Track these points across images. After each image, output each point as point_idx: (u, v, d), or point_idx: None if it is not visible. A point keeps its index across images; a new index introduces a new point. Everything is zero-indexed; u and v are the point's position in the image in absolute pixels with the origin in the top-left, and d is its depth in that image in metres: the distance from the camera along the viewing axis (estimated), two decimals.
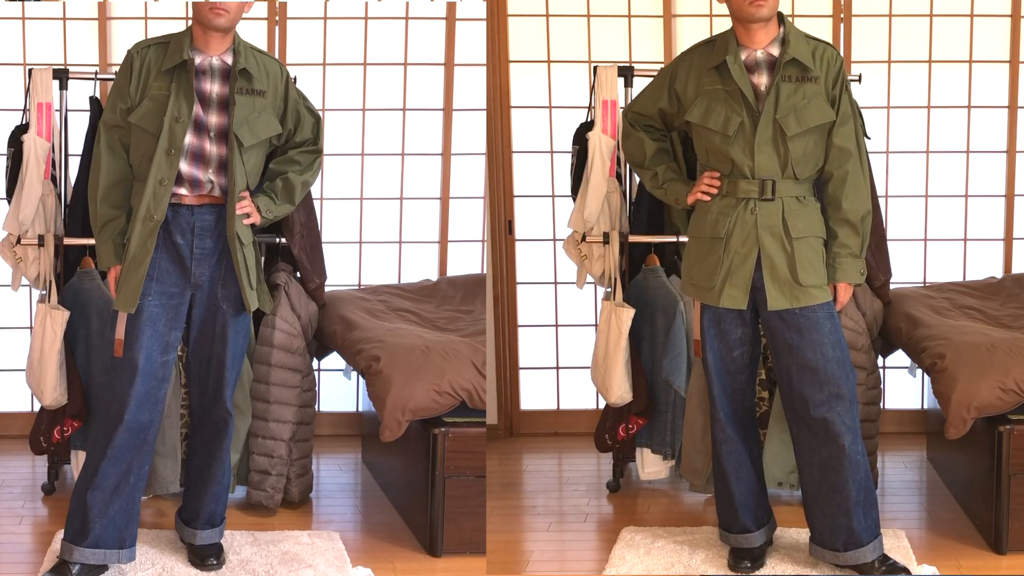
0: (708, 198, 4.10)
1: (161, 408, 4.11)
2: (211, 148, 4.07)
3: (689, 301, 4.73)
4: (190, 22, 4.19)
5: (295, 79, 5.02)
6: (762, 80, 4.02)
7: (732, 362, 4.18)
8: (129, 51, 4.12)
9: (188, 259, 4.08)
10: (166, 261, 4.07)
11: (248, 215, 4.14)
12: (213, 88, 4.08)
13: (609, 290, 4.81)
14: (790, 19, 4.05)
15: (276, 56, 5.49)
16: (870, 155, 4.76)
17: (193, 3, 4.06)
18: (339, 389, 5.63)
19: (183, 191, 4.06)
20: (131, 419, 4.04)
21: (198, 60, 4.05)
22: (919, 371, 4.93)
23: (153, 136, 4.02)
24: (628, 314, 4.70)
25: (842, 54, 5.48)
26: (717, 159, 4.07)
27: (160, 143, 4.01)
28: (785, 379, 4.09)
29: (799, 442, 4.13)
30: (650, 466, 4.98)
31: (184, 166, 4.04)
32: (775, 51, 4.02)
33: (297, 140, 4.30)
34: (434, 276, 5.71)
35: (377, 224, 5.74)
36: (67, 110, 4.80)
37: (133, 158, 4.08)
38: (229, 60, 4.10)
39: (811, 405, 4.04)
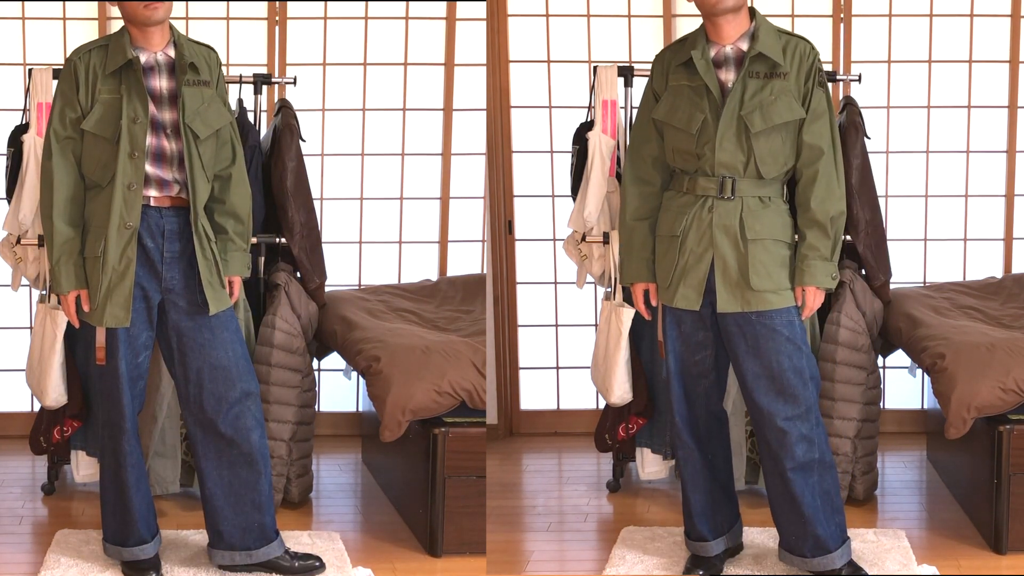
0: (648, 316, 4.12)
1: (143, 399, 4.16)
2: (170, 145, 4.01)
3: None
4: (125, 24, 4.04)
5: (295, 79, 5.04)
6: (729, 76, 3.92)
7: (694, 366, 4.08)
8: (69, 58, 4.01)
9: (159, 263, 4.02)
10: (136, 265, 3.99)
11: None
12: (162, 84, 4.01)
13: (609, 290, 4.80)
14: (762, 15, 3.96)
15: (277, 56, 5.50)
16: (870, 155, 4.77)
17: (124, 4, 3.94)
18: (339, 389, 5.62)
19: (152, 192, 3.99)
20: (131, 425, 4.11)
21: (143, 58, 3.98)
22: (919, 371, 4.93)
23: (109, 141, 3.94)
24: (628, 314, 4.70)
25: (842, 54, 5.50)
26: (683, 158, 3.97)
27: (121, 147, 3.93)
28: (742, 386, 4.01)
29: (761, 448, 4.07)
30: (650, 466, 4.98)
31: (148, 167, 3.98)
32: (744, 46, 3.92)
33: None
34: (434, 276, 5.71)
35: (377, 224, 5.74)
36: None
37: (87, 167, 3.98)
38: (172, 53, 4.03)
39: (767, 415, 3.97)
